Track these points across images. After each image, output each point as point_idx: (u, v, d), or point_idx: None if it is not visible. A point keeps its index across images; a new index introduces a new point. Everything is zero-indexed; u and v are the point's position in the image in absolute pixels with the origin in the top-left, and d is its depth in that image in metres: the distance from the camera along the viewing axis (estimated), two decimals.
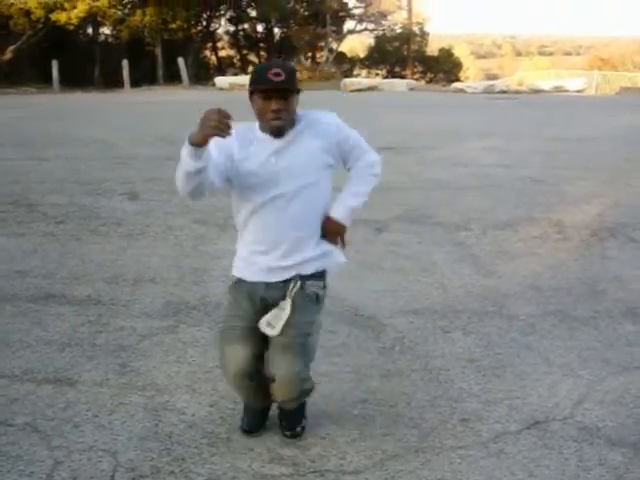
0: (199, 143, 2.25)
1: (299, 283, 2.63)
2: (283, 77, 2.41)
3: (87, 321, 4.09)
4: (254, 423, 2.91)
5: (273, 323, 2.59)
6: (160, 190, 7.24)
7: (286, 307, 2.60)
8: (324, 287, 2.74)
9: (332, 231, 2.71)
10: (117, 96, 20.70)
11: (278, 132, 2.52)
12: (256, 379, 2.71)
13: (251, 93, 2.50)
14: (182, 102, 17.65)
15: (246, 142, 2.55)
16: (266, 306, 2.65)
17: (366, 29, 37.54)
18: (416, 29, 36.74)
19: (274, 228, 2.60)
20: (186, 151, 2.29)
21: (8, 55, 26.83)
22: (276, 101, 2.44)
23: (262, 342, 2.66)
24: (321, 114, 2.66)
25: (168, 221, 6.18)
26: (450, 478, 2.65)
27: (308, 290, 2.65)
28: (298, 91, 2.52)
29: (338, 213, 2.71)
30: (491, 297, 4.47)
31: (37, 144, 10.26)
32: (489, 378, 3.43)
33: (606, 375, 3.47)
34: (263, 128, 2.55)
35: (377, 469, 2.70)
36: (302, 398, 2.82)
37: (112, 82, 25.21)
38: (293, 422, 2.89)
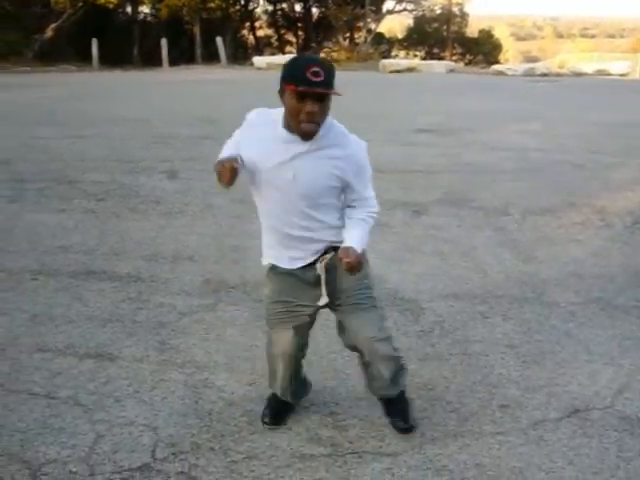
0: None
1: (327, 257, 2.54)
2: (322, 77, 2.20)
3: (127, 298, 4.14)
4: (277, 416, 2.88)
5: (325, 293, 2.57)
6: (199, 169, 7.28)
7: (321, 272, 2.54)
8: None
9: (356, 265, 2.40)
10: (156, 75, 20.80)
11: (307, 137, 2.34)
12: (296, 367, 2.77)
13: (283, 87, 2.29)
14: (220, 81, 17.67)
15: (267, 140, 2.42)
16: (306, 288, 2.61)
17: (405, 9, 37.10)
18: (456, 10, 36.27)
19: (283, 229, 2.51)
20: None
21: (49, 33, 27.11)
22: (311, 103, 2.23)
23: (307, 325, 2.68)
24: (353, 137, 2.47)
25: (207, 200, 6.21)
26: (488, 463, 2.64)
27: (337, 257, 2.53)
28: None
29: (355, 243, 2.46)
30: (531, 283, 4.42)
31: (76, 123, 10.37)
32: (528, 365, 3.39)
33: None
34: (289, 126, 2.35)
35: (415, 452, 2.70)
36: (394, 367, 2.74)
37: (151, 61, 25.36)
38: (404, 412, 2.84)
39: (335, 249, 2.50)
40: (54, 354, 3.44)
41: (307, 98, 2.23)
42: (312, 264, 2.57)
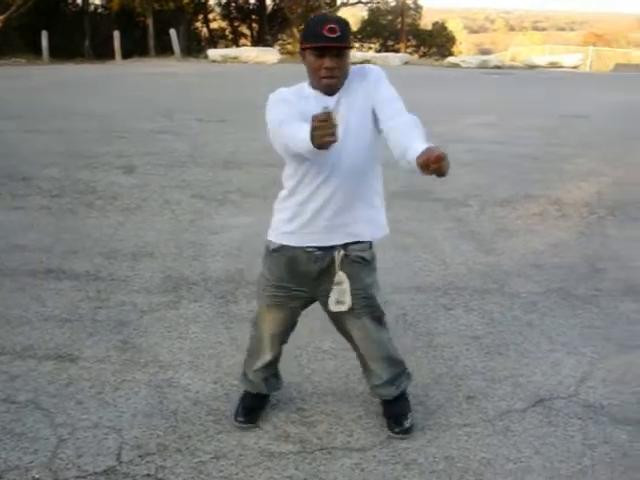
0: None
1: (342, 252, 2.51)
2: (338, 33, 2.29)
3: (87, 296, 4.05)
4: (250, 414, 2.83)
5: (341, 299, 2.54)
6: (157, 164, 7.17)
7: (343, 280, 2.51)
8: (370, 247, 2.60)
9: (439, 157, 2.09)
10: (109, 68, 20.42)
11: (330, 91, 2.41)
12: (279, 350, 2.78)
13: (303, 49, 2.39)
14: (176, 74, 17.44)
15: (302, 101, 2.42)
16: (307, 279, 2.57)
17: (360, 2, 37.14)
18: (410, 2, 36.42)
19: (330, 181, 2.43)
20: (306, 148, 2.14)
21: None
22: (330, 58, 2.32)
23: (304, 306, 2.69)
24: (368, 66, 2.54)
25: (165, 195, 6.12)
26: (457, 455, 2.65)
27: (352, 256, 2.54)
28: (351, 47, 2.41)
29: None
30: (492, 274, 4.46)
31: (30, 117, 10.10)
32: (493, 356, 3.43)
33: (608, 353, 3.47)
34: (314, 85, 2.43)
35: (384, 446, 2.70)
36: (394, 370, 2.77)
37: (103, 53, 24.86)
38: (399, 416, 2.80)
39: (345, 246, 2.51)
40: (12, 357, 3.34)
41: (326, 54, 2.31)
42: (321, 255, 2.52)
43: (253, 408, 2.86)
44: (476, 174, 6.98)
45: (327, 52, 2.31)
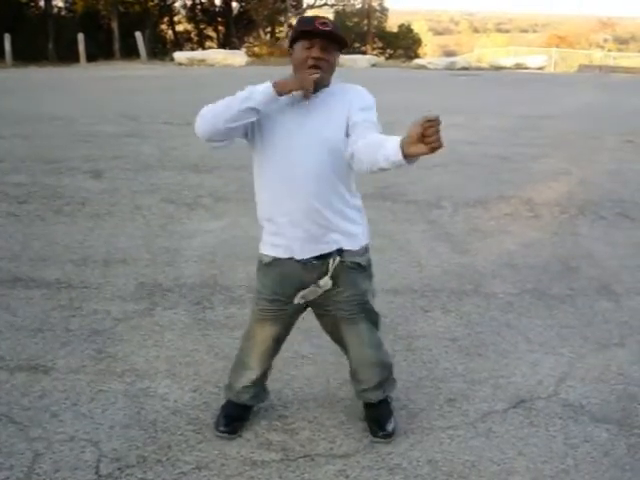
0: (282, 92, 2.25)
1: (338, 259, 2.46)
2: (330, 27, 2.29)
3: (58, 305, 3.96)
4: (233, 424, 2.76)
5: (307, 297, 2.49)
6: (125, 168, 7.07)
7: (327, 285, 2.45)
8: (366, 252, 2.58)
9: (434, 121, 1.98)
10: (73, 71, 20.13)
11: (313, 93, 2.33)
12: (269, 363, 2.75)
13: (292, 44, 2.36)
14: (142, 77, 17.28)
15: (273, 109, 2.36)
16: (300, 289, 2.50)
17: (326, 4, 37.23)
18: (376, 4, 36.58)
19: (288, 197, 2.39)
20: (263, 92, 2.24)
21: None
22: (318, 49, 2.29)
23: (296, 318, 2.66)
24: (351, 85, 2.47)
25: (135, 200, 6.03)
26: (441, 459, 2.64)
27: (347, 262, 2.48)
28: (340, 49, 2.36)
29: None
30: (468, 275, 4.47)
31: None
32: (472, 357, 3.42)
33: (586, 352, 3.49)
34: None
35: (367, 452, 2.67)
36: (384, 374, 2.75)
37: (67, 56, 24.48)
38: (383, 420, 2.77)
39: (339, 252, 2.46)
40: None
41: (315, 45, 2.29)
42: (319, 259, 2.46)
43: (235, 418, 2.79)
44: (448, 175, 7.01)
45: (316, 43, 2.28)
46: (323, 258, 2.45)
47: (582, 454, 2.69)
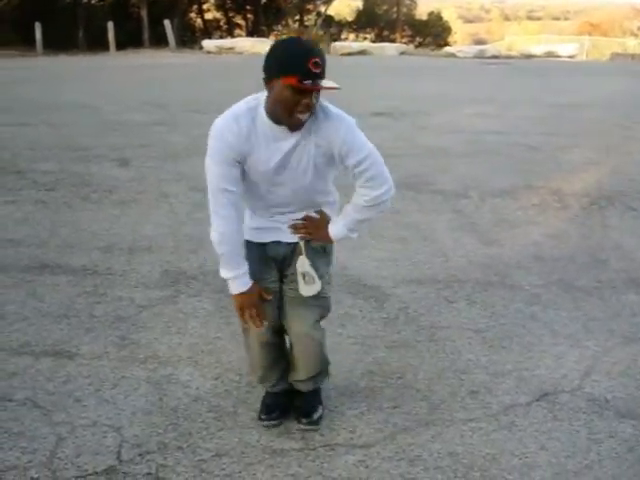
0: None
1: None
2: (321, 68, 2.09)
3: (84, 292, 4.00)
4: (272, 410, 2.76)
5: (309, 281, 2.51)
6: (152, 156, 7.11)
7: (305, 263, 2.49)
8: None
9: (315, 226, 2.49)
10: (103, 59, 20.29)
11: (298, 127, 2.24)
12: (276, 350, 2.71)
13: (276, 76, 2.11)
14: (170, 66, 17.35)
15: (252, 135, 2.28)
16: (275, 263, 2.56)
17: None
18: None
19: (266, 208, 2.50)
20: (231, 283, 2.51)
21: None
22: (311, 96, 2.12)
23: (276, 304, 2.61)
24: (339, 118, 2.32)
25: (162, 188, 6.06)
26: (462, 451, 2.61)
27: (314, 244, 2.52)
28: None
29: (335, 230, 2.48)
30: (493, 266, 4.42)
31: (22, 110, 10.02)
32: (496, 349, 3.39)
33: (612, 346, 3.44)
34: (276, 118, 2.22)
35: (388, 442, 2.66)
36: (320, 367, 2.72)
37: (97, 45, 24.67)
38: (309, 408, 2.77)
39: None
40: (8, 354, 3.29)
41: (307, 92, 2.10)
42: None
43: (278, 405, 2.78)
44: (475, 165, 6.93)
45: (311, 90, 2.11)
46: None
47: (606, 449, 2.64)
